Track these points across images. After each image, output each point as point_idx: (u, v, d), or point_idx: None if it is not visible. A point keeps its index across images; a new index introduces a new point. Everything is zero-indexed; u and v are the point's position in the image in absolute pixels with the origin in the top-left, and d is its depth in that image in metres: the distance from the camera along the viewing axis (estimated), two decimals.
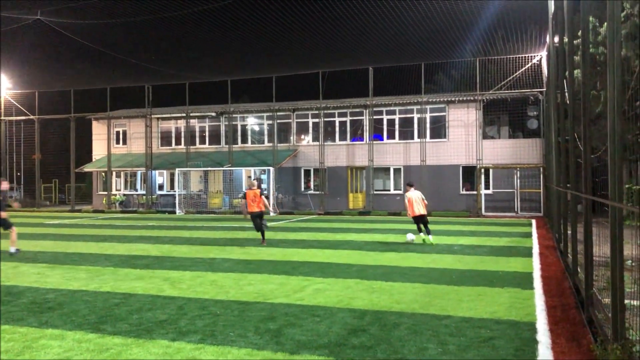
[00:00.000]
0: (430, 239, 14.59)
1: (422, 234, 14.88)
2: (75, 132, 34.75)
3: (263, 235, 15.05)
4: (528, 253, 12.80)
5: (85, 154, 36.72)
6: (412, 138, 30.03)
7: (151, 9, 17.94)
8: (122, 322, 6.65)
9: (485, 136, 29.22)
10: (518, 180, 27.57)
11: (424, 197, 15.25)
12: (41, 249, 14.35)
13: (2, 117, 36.14)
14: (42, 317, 6.99)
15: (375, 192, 30.02)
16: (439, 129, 29.73)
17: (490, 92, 27.83)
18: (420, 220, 15.00)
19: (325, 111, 31.19)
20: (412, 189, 15.42)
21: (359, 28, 20.73)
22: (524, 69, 26.81)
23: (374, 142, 30.14)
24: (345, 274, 9.92)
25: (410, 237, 15.04)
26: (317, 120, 31.52)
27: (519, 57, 26.57)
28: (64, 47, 23.23)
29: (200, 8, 17.70)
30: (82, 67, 28.35)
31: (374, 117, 30.32)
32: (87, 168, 35.77)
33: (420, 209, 14.93)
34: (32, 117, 35.61)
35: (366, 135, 30.68)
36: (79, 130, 35.68)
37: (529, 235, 16.61)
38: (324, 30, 20.97)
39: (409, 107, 30.21)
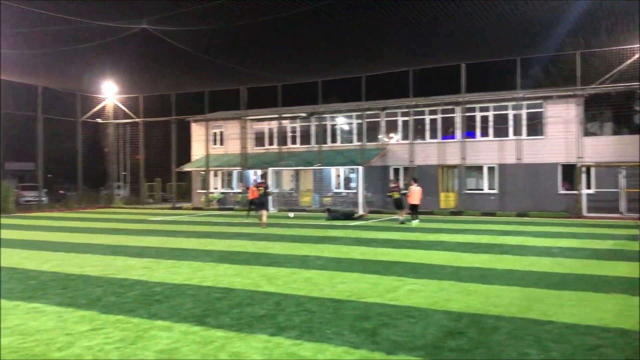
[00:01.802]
0: (414, 223, 21.06)
1: (415, 221, 21.26)
2: (176, 133, 36.72)
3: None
4: (636, 257, 12.02)
5: (185, 154, 38.69)
6: (507, 135, 28.99)
7: (248, 13, 18.58)
8: (224, 316, 6.97)
9: (586, 133, 27.67)
10: (624, 179, 25.84)
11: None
12: (147, 244, 15.30)
13: (111, 120, 38.83)
14: (151, 309, 7.46)
15: (467, 192, 29.30)
16: (535, 126, 28.50)
17: (593, 86, 26.30)
18: (415, 208, 21.68)
19: (415, 109, 30.83)
20: (416, 184, 22.04)
21: (452, 24, 20.32)
22: (630, 61, 25.13)
23: (467, 139, 29.41)
24: (439, 275, 9.80)
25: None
26: (406, 118, 31.24)
27: (624, 48, 24.92)
28: (165, 53, 24.56)
29: (294, 11, 18.11)
30: (182, 72, 29.85)
31: (467, 114, 29.58)
32: (186, 168, 37.65)
33: (417, 200, 21.75)
34: (136, 119, 37.97)
35: (458, 132, 30.01)
36: (180, 132, 37.64)
37: (636, 238, 15.57)
38: (417, 28, 20.76)
39: (503, 104, 29.20)
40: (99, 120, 38.65)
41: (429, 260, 11.66)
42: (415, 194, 21.80)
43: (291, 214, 26.45)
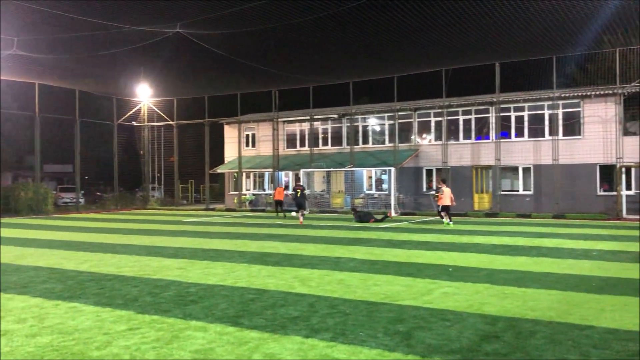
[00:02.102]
0: (451, 223, 21.28)
1: (447, 220, 21.49)
2: (209, 135, 37.17)
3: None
4: None
5: (218, 156, 39.16)
6: (543, 136, 28.45)
7: (280, 16, 18.68)
8: (258, 317, 7.00)
9: (625, 132, 26.93)
10: None
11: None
12: (181, 245, 15.51)
13: (146, 123, 39.53)
14: (186, 309, 7.54)
15: (502, 193, 28.83)
16: (572, 126, 27.90)
17: (633, 84, 25.58)
18: (447, 209, 21.62)
19: (449, 109, 30.51)
20: (445, 185, 22.21)
21: (486, 23, 20.03)
22: None
23: (501, 140, 28.95)
24: (474, 278, 9.66)
25: None
26: (439, 119, 30.95)
27: None
28: (199, 56, 24.88)
29: (325, 13, 18.13)
30: (215, 75, 30.20)
31: (501, 114, 29.12)
32: (219, 169, 38.08)
33: (449, 201, 21.66)
34: (171, 122, 38.57)
35: (492, 133, 29.57)
36: (213, 134, 38.11)
37: None
38: (450, 28, 20.55)
39: (539, 103, 28.68)
40: (134, 123, 39.41)
41: (464, 263, 11.50)
42: (446, 195, 21.76)
43: (294, 213, 26.45)
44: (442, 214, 21.95)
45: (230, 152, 38.91)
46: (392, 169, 29.73)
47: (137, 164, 40.73)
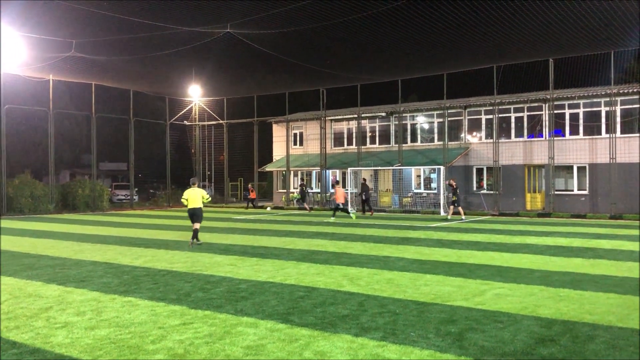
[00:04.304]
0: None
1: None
2: (257, 134, 37.62)
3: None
4: None
5: (266, 154, 39.60)
6: (600, 133, 27.44)
7: (328, 15, 18.69)
8: (308, 315, 7.03)
9: None
10: None
11: None
12: (232, 241, 15.75)
13: (197, 122, 40.36)
14: (237, 305, 7.65)
15: (555, 192, 27.98)
16: (632, 123, 26.78)
17: None
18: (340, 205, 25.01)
19: (500, 107, 29.83)
20: (338, 186, 25.56)
21: (540, 18, 19.46)
22: None
23: (555, 138, 28.09)
24: (528, 280, 9.41)
25: None
26: (490, 116, 30.31)
27: None
28: (248, 56, 25.19)
29: (373, 10, 18.03)
30: (264, 74, 30.52)
31: (555, 111, 28.25)
32: (268, 168, 38.49)
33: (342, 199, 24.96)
34: (221, 121, 39.24)
35: (545, 131, 28.74)
36: (261, 133, 38.56)
37: None
38: (501, 24, 20.07)
39: (595, 100, 27.67)
40: (186, 122, 40.28)
41: (516, 264, 11.23)
42: (339, 194, 25.00)
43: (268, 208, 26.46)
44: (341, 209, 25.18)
45: (278, 150, 39.26)
46: (442, 168, 29.32)
47: (189, 162, 41.65)
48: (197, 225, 14.89)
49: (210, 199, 16.05)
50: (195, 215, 14.85)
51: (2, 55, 23.04)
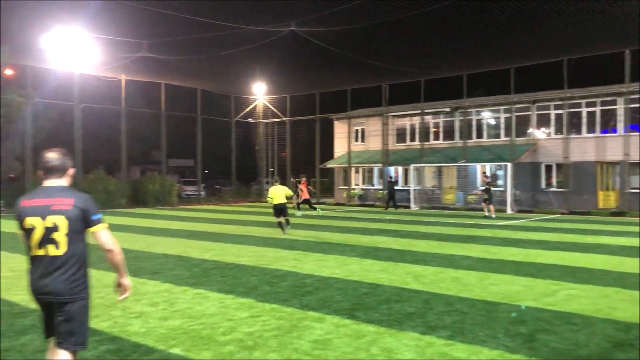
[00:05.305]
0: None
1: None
2: (319, 131, 37.85)
3: None
4: None
5: (328, 151, 39.77)
6: None
7: (391, 10, 18.57)
8: (373, 311, 7.05)
9: None
10: None
11: None
12: (295, 237, 15.96)
13: (261, 119, 41.05)
14: (303, 299, 7.77)
15: (631, 190, 26.63)
16: None
17: None
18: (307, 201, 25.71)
19: (571, 101, 28.68)
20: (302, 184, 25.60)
21: (612, 7, 18.57)
22: None
23: (631, 133, 26.72)
24: (602, 281, 9.05)
25: None
26: (560, 111, 29.19)
27: None
28: (311, 53, 25.35)
29: (437, 5, 17.76)
30: (326, 71, 30.62)
31: (631, 105, 26.88)
32: (329, 164, 38.67)
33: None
34: (284, 118, 39.74)
35: (620, 126, 27.39)
36: (323, 130, 38.73)
37: None
38: (571, 16, 19.31)
39: None
40: (250, 120, 41.04)
41: (589, 264, 10.81)
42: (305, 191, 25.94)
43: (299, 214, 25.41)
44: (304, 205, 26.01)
45: (340, 147, 39.34)
46: (509, 164, 28.52)
47: (253, 158, 42.42)
48: (282, 219, 16.84)
49: (292, 194, 18.51)
50: (280, 209, 16.81)
51: (78, 57, 24.23)
